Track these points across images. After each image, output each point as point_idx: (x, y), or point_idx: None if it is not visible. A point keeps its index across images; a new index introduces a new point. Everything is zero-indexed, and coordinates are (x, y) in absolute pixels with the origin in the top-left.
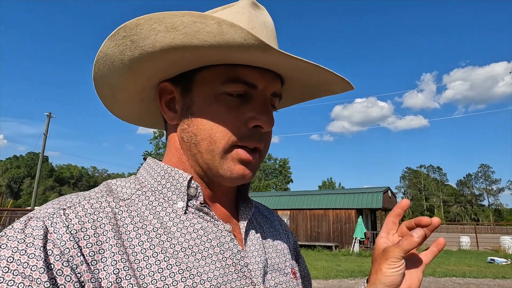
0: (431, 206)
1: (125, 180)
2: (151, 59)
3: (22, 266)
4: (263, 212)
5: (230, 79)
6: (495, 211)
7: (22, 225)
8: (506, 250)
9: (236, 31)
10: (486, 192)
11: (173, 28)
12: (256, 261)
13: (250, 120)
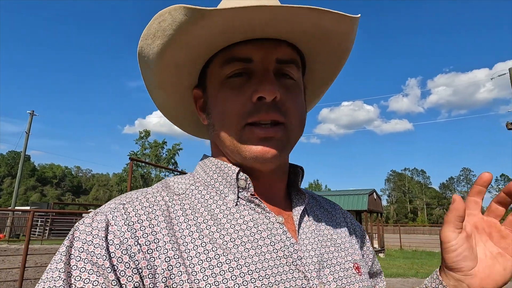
0: (415, 208)
1: (182, 176)
2: (160, 71)
3: (90, 255)
4: (324, 206)
5: (226, 61)
6: None
7: (90, 219)
8: None
9: (178, 11)
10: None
11: (154, 36)
12: (310, 254)
13: (252, 93)
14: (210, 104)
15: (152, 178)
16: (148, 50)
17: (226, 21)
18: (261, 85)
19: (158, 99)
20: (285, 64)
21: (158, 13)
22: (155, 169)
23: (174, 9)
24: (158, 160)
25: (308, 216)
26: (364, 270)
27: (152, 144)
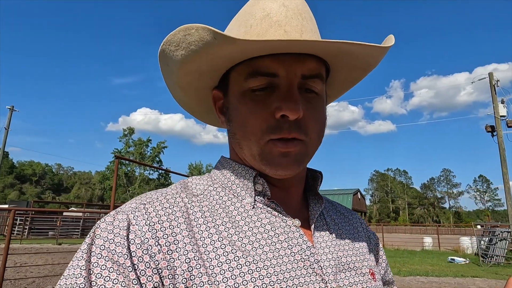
0: (397, 208)
1: (200, 177)
2: (180, 75)
3: (111, 253)
4: (341, 211)
5: (250, 74)
6: (455, 213)
7: (112, 218)
8: (465, 250)
9: (206, 32)
10: (447, 195)
11: (177, 45)
12: (327, 258)
13: (275, 110)
14: (231, 112)
15: (136, 177)
16: (171, 56)
17: (257, 46)
18: (285, 102)
19: (178, 95)
20: (310, 79)
21: (184, 26)
22: (139, 167)
23: (202, 28)
24: (142, 158)
25: (325, 220)
26: (378, 276)
27: (136, 142)
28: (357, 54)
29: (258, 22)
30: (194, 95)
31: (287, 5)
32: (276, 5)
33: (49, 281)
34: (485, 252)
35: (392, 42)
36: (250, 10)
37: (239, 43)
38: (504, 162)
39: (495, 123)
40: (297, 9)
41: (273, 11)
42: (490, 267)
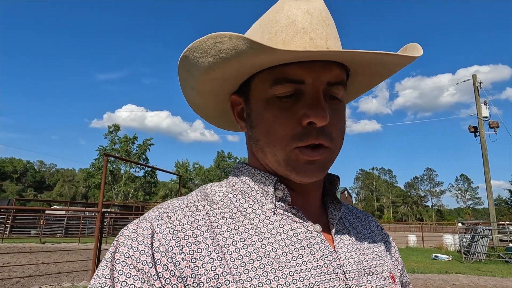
0: (381, 206)
1: (219, 184)
2: (204, 81)
3: (135, 261)
4: (357, 214)
5: (277, 81)
6: (437, 211)
7: (135, 226)
8: (448, 248)
9: (242, 41)
10: (430, 194)
11: (205, 52)
12: (349, 262)
13: (302, 117)
14: (254, 118)
15: (122, 174)
16: (195, 62)
17: (289, 56)
18: (313, 110)
19: (193, 100)
20: (335, 86)
21: (215, 34)
22: (125, 165)
23: (236, 37)
24: (128, 156)
25: (344, 224)
26: (398, 280)
27: (122, 139)
28: (385, 62)
29: (283, 29)
30: (212, 101)
31: (311, 12)
32: (300, 12)
33: (34, 281)
34: (467, 249)
35: (420, 53)
36: (274, 17)
37: (279, 53)
38: (486, 162)
39: (478, 124)
40: (321, 16)
41: (298, 18)
42: (472, 263)
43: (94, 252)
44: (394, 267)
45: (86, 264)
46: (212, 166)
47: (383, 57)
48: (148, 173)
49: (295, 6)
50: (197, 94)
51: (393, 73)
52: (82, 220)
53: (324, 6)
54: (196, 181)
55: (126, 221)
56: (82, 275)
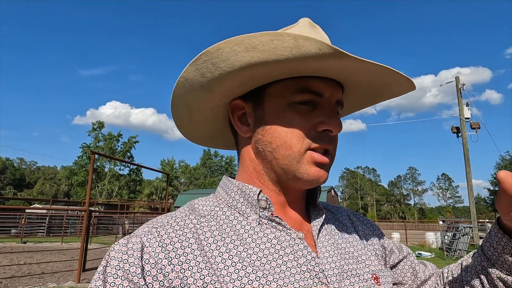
0: (366, 204)
1: (206, 199)
2: (229, 78)
3: (126, 273)
4: (337, 216)
5: (299, 90)
6: (419, 209)
7: (126, 241)
8: (430, 245)
9: (312, 43)
10: (413, 192)
11: (252, 47)
12: (331, 266)
13: (319, 124)
14: (269, 121)
15: (106, 172)
16: (230, 56)
17: (341, 65)
18: (330, 119)
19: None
20: (339, 104)
21: (273, 31)
22: (109, 163)
23: (305, 38)
24: (113, 153)
25: (326, 230)
26: (383, 280)
27: (107, 136)
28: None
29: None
30: (218, 102)
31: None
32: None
33: (17, 282)
34: (449, 246)
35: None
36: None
37: (348, 58)
38: (468, 161)
39: (460, 125)
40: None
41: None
42: (454, 260)
43: (81, 252)
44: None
45: (71, 264)
46: (198, 164)
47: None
48: (133, 171)
49: (313, 32)
50: (204, 93)
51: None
52: (65, 219)
53: (328, 39)
54: (182, 179)
55: (110, 220)
56: (67, 275)
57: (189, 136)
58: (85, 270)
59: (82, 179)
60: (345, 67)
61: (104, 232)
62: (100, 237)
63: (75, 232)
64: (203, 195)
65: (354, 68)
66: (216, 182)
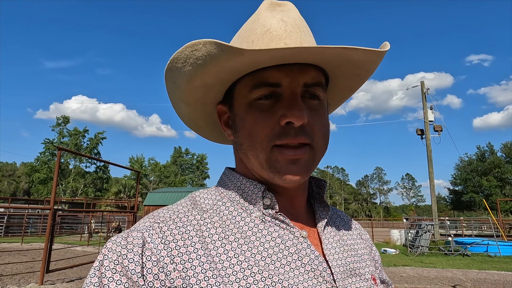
0: (334, 203)
1: (207, 191)
2: (188, 90)
3: (125, 269)
4: (342, 217)
5: (254, 86)
6: (385, 208)
7: (126, 235)
8: (395, 242)
9: (214, 46)
10: (379, 192)
11: (184, 61)
12: (337, 264)
13: (281, 117)
14: (238, 124)
15: (71, 169)
16: (177, 72)
17: (262, 57)
18: (290, 110)
19: (182, 111)
20: (312, 87)
21: (191, 42)
22: (74, 160)
23: (209, 43)
24: (78, 150)
25: (331, 227)
26: (378, 281)
27: (72, 132)
28: (355, 60)
29: (259, 37)
30: (201, 110)
31: (285, 20)
32: (275, 20)
33: None
34: (412, 243)
35: (388, 47)
36: (250, 27)
37: (246, 53)
38: (431, 162)
39: (425, 127)
40: (295, 24)
41: (273, 27)
42: (417, 256)
43: (44, 252)
44: (375, 269)
45: (32, 265)
46: (169, 162)
47: (350, 52)
48: (100, 169)
49: (270, 16)
50: (185, 106)
51: (369, 72)
52: (25, 218)
53: (298, 15)
54: (152, 177)
55: (75, 219)
56: (28, 277)
57: (208, 138)
58: (49, 271)
59: (44, 176)
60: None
61: (68, 232)
62: (64, 237)
63: (36, 232)
64: (174, 193)
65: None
66: (187, 180)
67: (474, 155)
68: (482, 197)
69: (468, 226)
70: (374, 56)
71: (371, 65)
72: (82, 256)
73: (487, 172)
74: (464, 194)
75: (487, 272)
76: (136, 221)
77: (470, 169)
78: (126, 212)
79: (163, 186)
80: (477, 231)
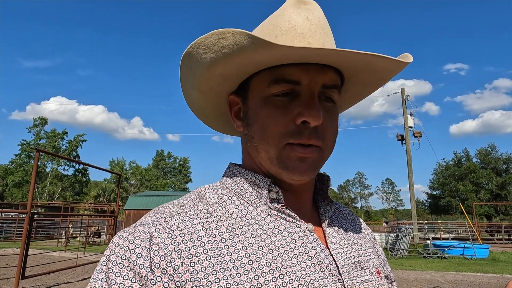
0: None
1: (213, 186)
2: (205, 78)
3: (133, 264)
4: (345, 212)
5: (274, 81)
6: (366, 212)
7: (132, 229)
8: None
9: (244, 37)
10: (360, 196)
11: (207, 48)
12: (342, 257)
13: (297, 116)
14: (251, 117)
15: (48, 172)
16: (197, 58)
17: (291, 53)
18: (307, 109)
19: (193, 99)
20: (329, 89)
21: (219, 30)
22: (51, 162)
23: (239, 33)
24: (56, 152)
25: (334, 222)
26: (383, 274)
27: (50, 134)
28: (378, 69)
29: (283, 33)
30: (212, 99)
31: (310, 19)
32: (300, 18)
33: None
34: (392, 246)
35: (410, 59)
36: (275, 22)
37: (277, 48)
38: (410, 167)
39: (405, 133)
40: (319, 23)
41: (297, 24)
42: (397, 259)
43: (20, 258)
44: (379, 263)
45: (6, 272)
46: (150, 166)
47: (377, 60)
48: (79, 172)
49: (296, 13)
50: (198, 93)
51: (384, 81)
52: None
53: (323, 15)
54: (132, 181)
55: (52, 223)
56: (2, 284)
57: (214, 128)
58: (24, 278)
59: (19, 179)
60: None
61: (44, 237)
62: (40, 242)
63: (10, 237)
64: (155, 197)
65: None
66: (169, 184)
67: (451, 161)
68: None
69: (445, 229)
70: (397, 67)
71: (389, 75)
72: (59, 262)
73: (463, 177)
74: (442, 198)
75: (464, 274)
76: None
77: (447, 174)
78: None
79: (144, 190)
80: (454, 235)
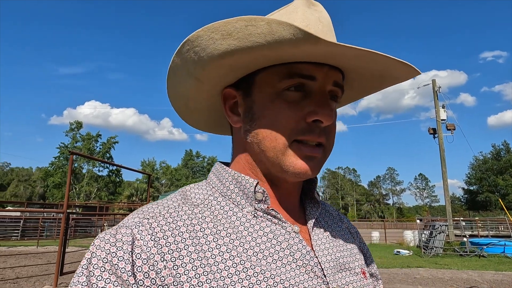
0: (346, 204)
1: (199, 185)
2: (212, 67)
3: (114, 267)
4: (331, 212)
5: (287, 75)
6: (398, 209)
7: (114, 231)
8: (408, 243)
9: (285, 28)
10: (391, 192)
11: (228, 34)
12: (327, 259)
13: (309, 114)
14: (256, 112)
15: (84, 174)
16: (209, 44)
17: (321, 50)
18: (321, 108)
19: (181, 87)
20: (338, 87)
21: (247, 16)
22: (87, 164)
23: (279, 23)
24: (91, 154)
25: (320, 223)
26: (368, 275)
27: (85, 137)
28: (385, 73)
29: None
30: (207, 90)
31: (322, 21)
32: (313, 18)
33: None
34: (426, 244)
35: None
36: (288, 18)
37: (324, 43)
38: (444, 162)
39: (437, 126)
40: (329, 26)
41: (311, 24)
42: (431, 257)
43: (58, 255)
44: (364, 263)
45: (47, 268)
46: (180, 165)
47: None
48: (113, 172)
49: (309, 12)
50: (194, 82)
51: (377, 90)
52: (41, 221)
53: (329, 17)
54: (163, 180)
55: (89, 222)
56: (43, 280)
57: (189, 122)
58: (63, 274)
59: (59, 180)
60: (333, 52)
61: (82, 235)
62: (78, 240)
63: (51, 235)
64: None
65: (342, 52)
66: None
67: (489, 154)
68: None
69: (484, 226)
70: (407, 77)
71: (396, 82)
72: None
73: (503, 171)
74: (480, 193)
75: (504, 274)
76: None
77: (485, 168)
78: None
79: (174, 189)
80: (493, 232)
